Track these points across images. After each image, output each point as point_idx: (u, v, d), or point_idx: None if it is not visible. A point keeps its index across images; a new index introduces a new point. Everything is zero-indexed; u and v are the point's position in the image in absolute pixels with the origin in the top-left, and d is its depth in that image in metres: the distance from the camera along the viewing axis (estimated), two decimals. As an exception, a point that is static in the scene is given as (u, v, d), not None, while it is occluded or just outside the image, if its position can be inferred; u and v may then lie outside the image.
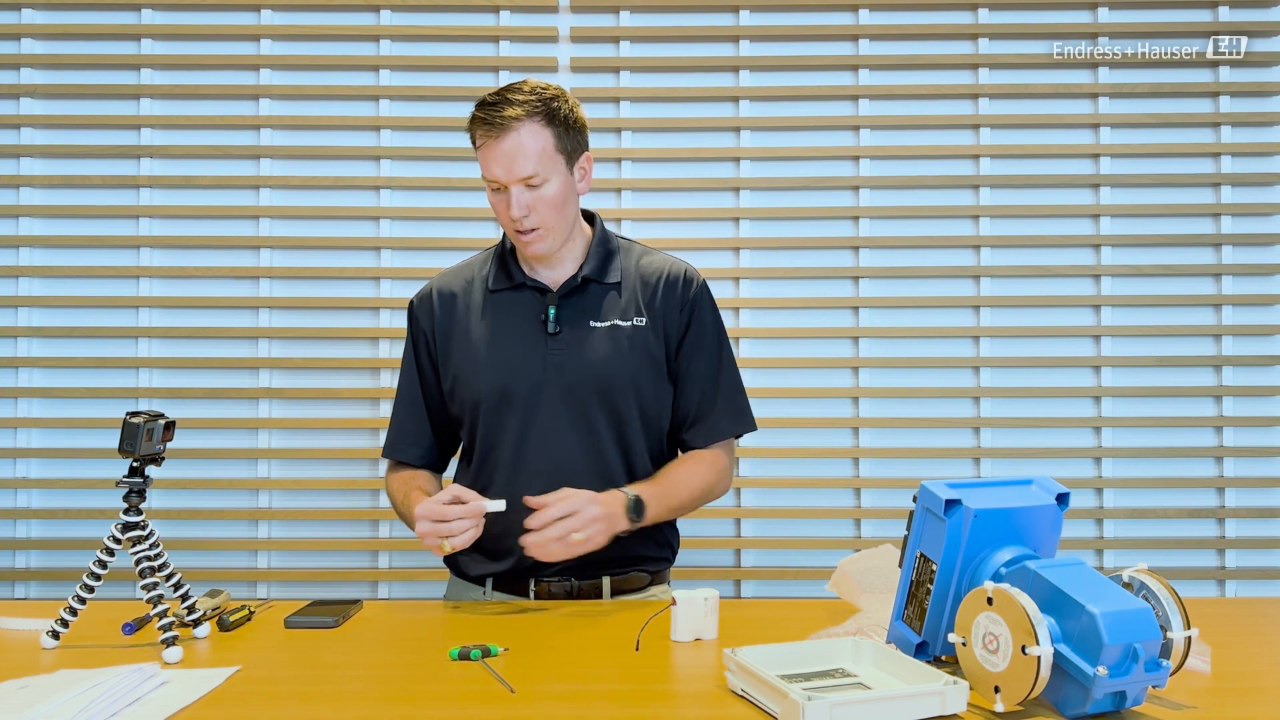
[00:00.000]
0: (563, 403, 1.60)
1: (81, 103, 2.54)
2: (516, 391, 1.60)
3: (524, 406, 1.60)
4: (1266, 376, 2.51)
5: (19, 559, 2.47)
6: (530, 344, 1.61)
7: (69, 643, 1.28)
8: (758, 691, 1.02)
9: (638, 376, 1.62)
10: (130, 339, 2.50)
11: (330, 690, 1.11)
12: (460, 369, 1.64)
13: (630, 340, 1.62)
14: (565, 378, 1.59)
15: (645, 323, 1.64)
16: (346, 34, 2.55)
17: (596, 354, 1.60)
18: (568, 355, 1.60)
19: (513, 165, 1.51)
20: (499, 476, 1.62)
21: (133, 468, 1.27)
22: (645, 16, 2.56)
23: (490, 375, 1.61)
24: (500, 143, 1.51)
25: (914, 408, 2.52)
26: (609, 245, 1.69)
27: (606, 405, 1.60)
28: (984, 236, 2.52)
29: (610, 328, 1.62)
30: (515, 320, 1.64)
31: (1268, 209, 2.52)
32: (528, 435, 1.60)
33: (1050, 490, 1.16)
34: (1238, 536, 2.48)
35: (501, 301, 1.66)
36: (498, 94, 1.54)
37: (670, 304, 1.66)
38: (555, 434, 1.60)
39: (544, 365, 1.60)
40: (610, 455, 1.61)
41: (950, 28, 2.55)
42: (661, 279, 1.67)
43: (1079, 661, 0.95)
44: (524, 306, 1.64)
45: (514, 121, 1.50)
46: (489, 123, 1.51)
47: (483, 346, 1.63)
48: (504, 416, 1.61)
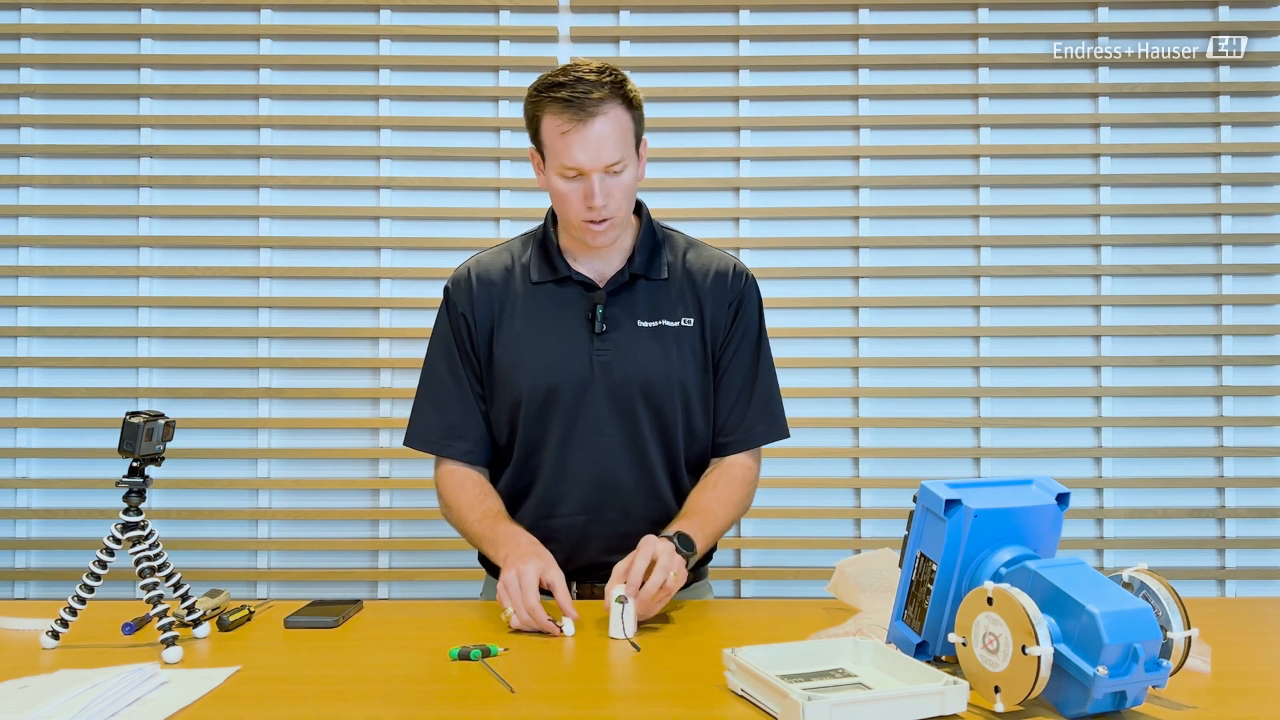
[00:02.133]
0: (608, 405, 1.55)
1: (81, 103, 2.54)
2: (561, 392, 1.54)
3: (569, 407, 1.54)
4: (1266, 376, 2.51)
5: (19, 559, 2.47)
6: (576, 342, 1.55)
7: (69, 643, 1.28)
8: (758, 691, 1.02)
9: (685, 380, 1.57)
10: (130, 339, 2.50)
11: (330, 690, 1.11)
12: (502, 364, 1.57)
13: (678, 342, 1.57)
14: (611, 379, 1.54)
15: (693, 323, 1.58)
16: (346, 34, 2.55)
17: (644, 356, 1.55)
18: (614, 355, 1.55)
19: (601, 151, 1.43)
20: (541, 479, 1.58)
21: (133, 468, 1.26)
22: (645, 16, 2.56)
23: (534, 374, 1.55)
24: (589, 128, 1.42)
25: (914, 408, 2.52)
26: (656, 237, 1.62)
27: (652, 408, 1.56)
28: (984, 236, 2.52)
29: (658, 328, 1.57)
30: (560, 316, 1.57)
31: (1268, 209, 2.52)
32: (572, 437, 1.55)
33: (1050, 490, 1.16)
34: (1238, 536, 2.48)
35: (545, 295, 1.58)
36: (568, 76, 1.44)
37: (718, 301, 1.60)
38: (600, 437, 1.55)
39: (590, 365, 1.54)
40: (654, 460, 1.58)
41: (950, 28, 2.55)
42: (710, 276, 1.60)
43: (1079, 661, 0.95)
44: (569, 302, 1.57)
45: (600, 104, 1.42)
46: (575, 105, 1.41)
47: (526, 342, 1.56)
48: (548, 417, 1.55)
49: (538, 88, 1.48)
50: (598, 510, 1.57)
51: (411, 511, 2.48)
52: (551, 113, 1.44)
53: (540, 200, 2.54)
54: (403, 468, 2.49)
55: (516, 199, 2.55)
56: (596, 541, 1.57)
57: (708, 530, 1.51)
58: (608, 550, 1.52)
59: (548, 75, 1.48)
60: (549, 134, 1.46)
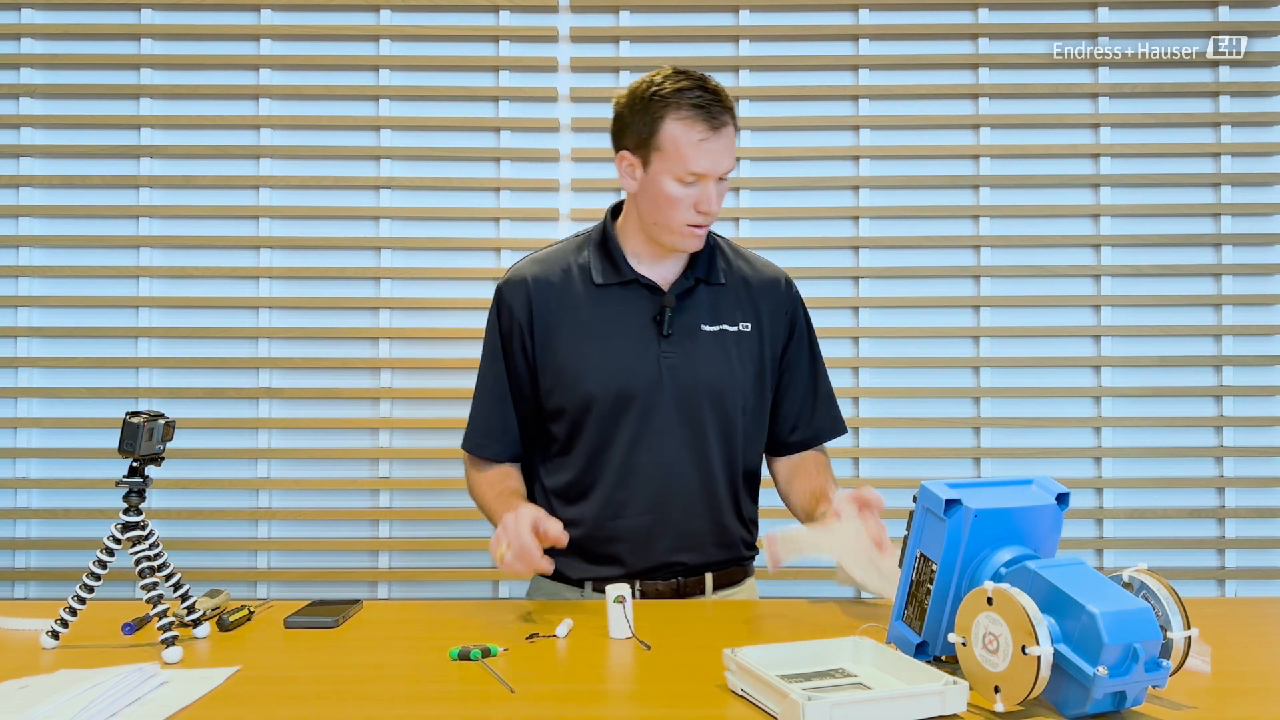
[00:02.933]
0: (675, 408, 1.56)
1: (81, 103, 2.54)
2: (634, 394, 1.55)
3: (640, 410, 1.55)
4: (1266, 376, 2.51)
5: (19, 559, 2.47)
6: (644, 345, 1.56)
7: (69, 643, 1.28)
8: (758, 691, 1.02)
9: (745, 385, 1.60)
10: (130, 339, 2.50)
11: (330, 690, 1.11)
12: (567, 366, 1.57)
13: (738, 346, 1.60)
14: (679, 382, 1.56)
15: (750, 329, 1.61)
16: (346, 34, 2.55)
17: (708, 360, 1.57)
18: (680, 359, 1.56)
19: (726, 159, 1.49)
20: (606, 480, 1.58)
21: (132, 468, 1.26)
22: (645, 16, 2.56)
23: (606, 376, 1.55)
24: (721, 136, 1.47)
25: (914, 408, 2.52)
26: (710, 242, 1.64)
27: (717, 412, 1.58)
28: (984, 236, 2.52)
29: (719, 333, 1.59)
30: (627, 319, 1.57)
31: (1268, 209, 2.52)
32: (641, 439, 1.56)
33: (1050, 490, 1.16)
34: (1238, 536, 2.48)
35: (609, 297, 1.59)
36: (692, 82, 1.48)
37: (776, 309, 1.65)
38: (668, 439, 1.56)
39: (658, 368, 1.56)
40: (715, 462, 1.59)
41: (950, 28, 2.55)
42: (764, 283, 1.65)
43: (1079, 661, 0.95)
44: (635, 305, 1.58)
45: (726, 114, 1.48)
46: (713, 115, 1.46)
47: (593, 344, 1.56)
48: (619, 419, 1.56)
49: (661, 91, 1.48)
50: (664, 510, 1.57)
51: (411, 511, 2.48)
52: (682, 119, 1.47)
53: (540, 200, 2.54)
54: (403, 468, 2.49)
55: (516, 199, 2.55)
56: (663, 541, 1.58)
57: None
58: (673, 549, 1.58)
59: (658, 80, 1.50)
60: (675, 138, 1.47)
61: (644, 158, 1.52)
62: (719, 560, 1.63)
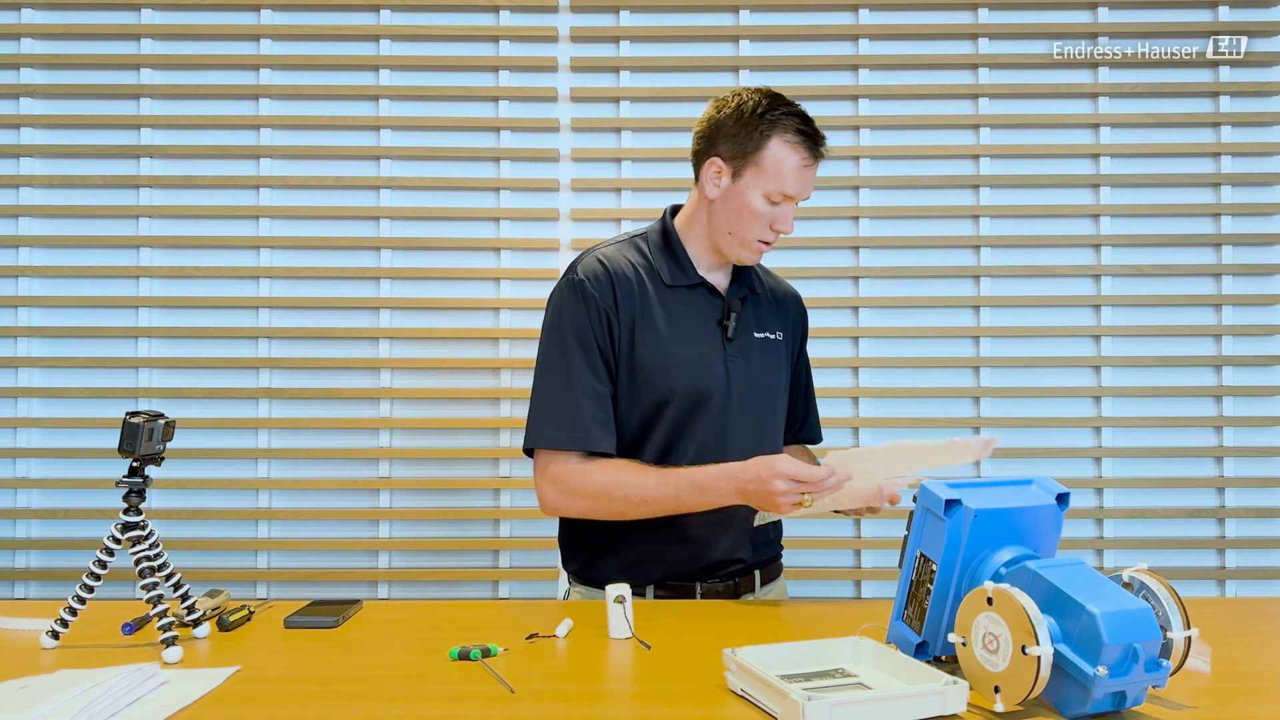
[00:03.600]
0: (740, 408, 1.61)
1: (81, 103, 2.54)
2: (709, 393, 1.58)
3: (713, 409, 1.58)
4: (1266, 376, 2.51)
5: (19, 559, 2.47)
6: (713, 347, 1.61)
7: (69, 643, 1.28)
8: (758, 691, 1.02)
9: (781, 389, 1.70)
10: (130, 339, 2.50)
11: (330, 690, 1.11)
12: (646, 363, 1.56)
13: (776, 354, 1.69)
14: (743, 384, 1.61)
15: (782, 338, 1.71)
16: (346, 34, 2.55)
17: (762, 365, 1.65)
18: (741, 362, 1.62)
19: (809, 188, 1.57)
20: None
21: (132, 468, 1.26)
22: (645, 16, 2.56)
23: (684, 375, 1.56)
24: (815, 168, 1.57)
25: (914, 407, 2.52)
26: None
27: (769, 413, 1.66)
28: (984, 236, 2.52)
29: (765, 340, 1.67)
30: (695, 320, 1.61)
31: (1268, 209, 2.52)
32: (710, 438, 1.58)
33: (1050, 490, 1.16)
34: (1238, 536, 2.48)
35: (678, 299, 1.61)
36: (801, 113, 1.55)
37: (796, 320, 1.77)
38: (732, 438, 1.59)
39: (725, 371, 1.60)
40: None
41: (950, 28, 2.55)
42: (784, 295, 1.76)
43: (1079, 661, 0.95)
44: (701, 307, 1.62)
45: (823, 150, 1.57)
46: (816, 144, 1.55)
47: (670, 344, 1.57)
48: (693, 417, 1.57)
49: (773, 107, 1.54)
50: (728, 509, 1.56)
51: (411, 511, 2.48)
52: (790, 141, 1.53)
53: (540, 200, 2.54)
54: (403, 468, 2.49)
55: (516, 199, 2.55)
56: (726, 539, 1.60)
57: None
58: (734, 547, 1.61)
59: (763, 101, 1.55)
60: (778, 158, 1.53)
61: (737, 169, 1.55)
62: (765, 559, 1.68)
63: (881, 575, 2.48)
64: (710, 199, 1.59)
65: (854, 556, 2.51)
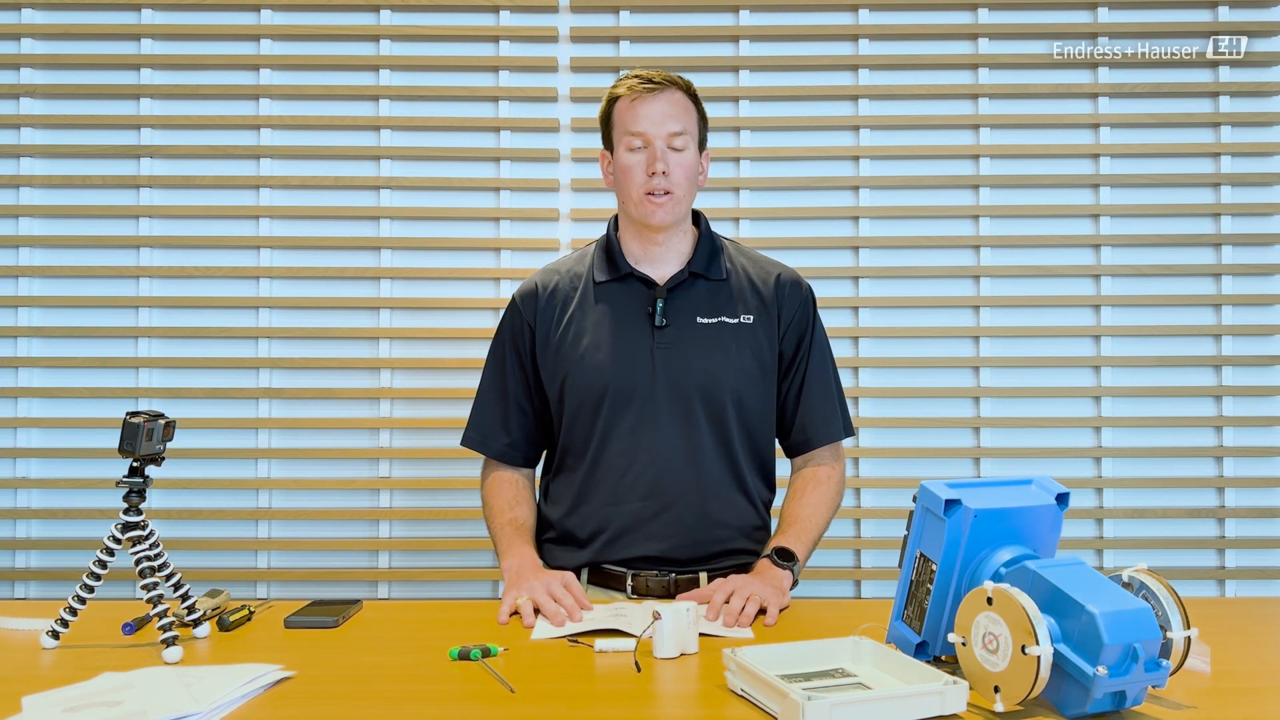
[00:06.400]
0: (670, 397, 1.59)
1: (81, 103, 2.54)
2: (633, 384, 1.59)
3: (639, 399, 1.59)
4: (1266, 376, 2.51)
5: (19, 559, 2.47)
6: (637, 338, 1.61)
7: (69, 643, 1.28)
8: (758, 691, 1.02)
9: (739, 376, 1.61)
10: (130, 339, 2.50)
11: (330, 690, 1.11)
12: (567, 362, 1.63)
13: (737, 338, 1.62)
14: (671, 372, 1.59)
15: (752, 320, 1.64)
16: (346, 34, 2.55)
17: (701, 350, 1.60)
18: (674, 350, 1.60)
19: (664, 120, 1.58)
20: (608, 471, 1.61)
21: (133, 468, 1.26)
22: (645, 16, 2.56)
23: (599, 367, 1.60)
24: (655, 99, 1.58)
25: (914, 408, 2.52)
26: (715, 243, 1.70)
27: (709, 404, 1.59)
28: (984, 236, 2.52)
29: (717, 324, 1.63)
30: (622, 312, 1.63)
31: (1268, 209, 2.52)
32: (635, 429, 1.59)
33: (1050, 490, 1.16)
34: (1238, 536, 2.48)
35: (607, 293, 1.65)
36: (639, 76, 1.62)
37: (791, 307, 1.68)
38: (663, 426, 1.59)
39: (650, 359, 1.60)
40: (707, 451, 1.60)
41: (950, 28, 2.55)
42: (776, 280, 1.69)
43: (1079, 661, 0.95)
44: (630, 298, 1.64)
45: (669, 85, 1.61)
46: (650, 81, 1.59)
47: (590, 338, 1.62)
48: (621, 411, 1.60)
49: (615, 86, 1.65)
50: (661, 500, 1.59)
51: (412, 511, 2.48)
52: (622, 92, 1.61)
53: (540, 200, 2.54)
54: (403, 468, 2.49)
55: (516, 199, 2.55)
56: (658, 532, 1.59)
57: (805, 539, 1.59)
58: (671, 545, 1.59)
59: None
60: (619, 110, 1.61)
61: (609, 148, 1.66)
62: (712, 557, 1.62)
63: (881, 575, 2.48)
64: (614, 190, 1.68)
65: (854, 556, 2.51)
